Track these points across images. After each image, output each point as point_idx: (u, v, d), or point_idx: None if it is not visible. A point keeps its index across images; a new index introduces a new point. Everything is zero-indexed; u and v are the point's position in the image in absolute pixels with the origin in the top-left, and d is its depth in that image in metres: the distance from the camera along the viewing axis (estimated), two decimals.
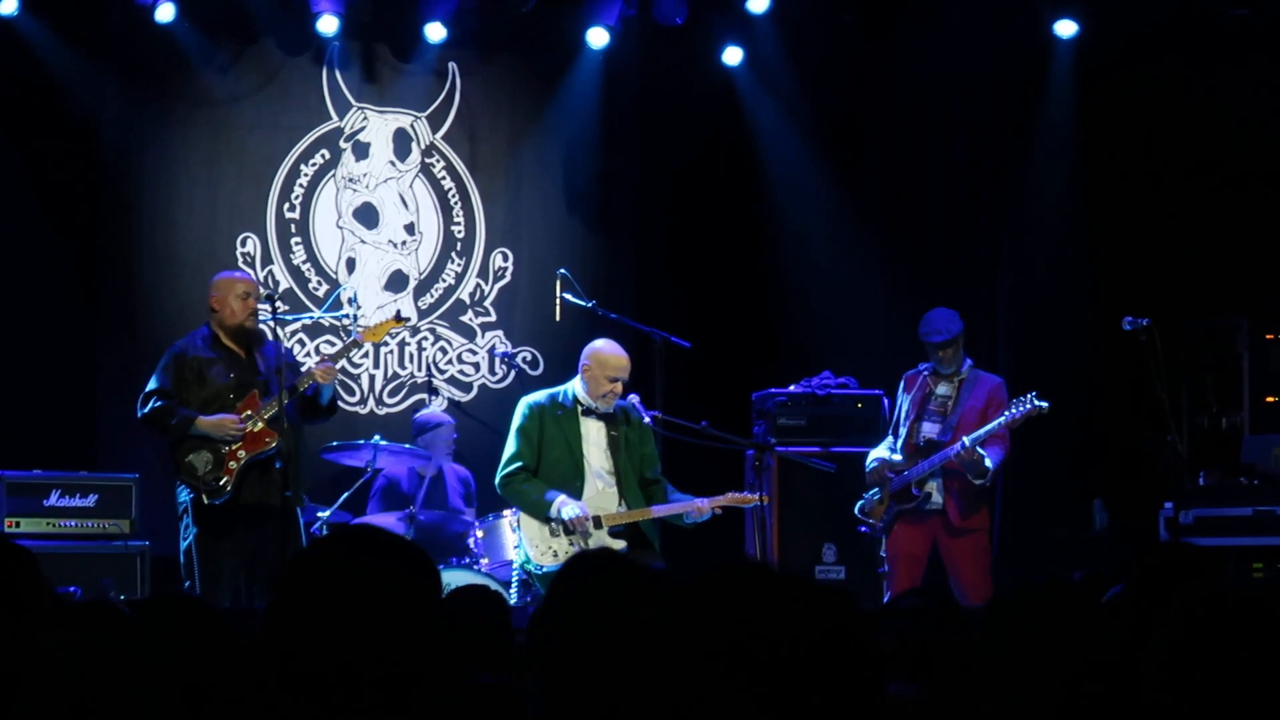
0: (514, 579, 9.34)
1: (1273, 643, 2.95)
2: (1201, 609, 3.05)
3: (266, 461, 8.89)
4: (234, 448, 8.87)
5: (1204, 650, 3.00)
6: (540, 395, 9.30)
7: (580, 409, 9.16)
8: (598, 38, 11.60)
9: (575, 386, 9.20)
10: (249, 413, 8.93)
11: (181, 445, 8.92)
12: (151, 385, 9.02)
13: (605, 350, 9.19)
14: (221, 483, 8.84)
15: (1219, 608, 3.04)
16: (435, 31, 11.47)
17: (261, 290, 9.70)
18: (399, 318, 9.72)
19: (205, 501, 8.82)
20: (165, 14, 10.93)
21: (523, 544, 9.20)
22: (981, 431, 9.41)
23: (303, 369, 9.39)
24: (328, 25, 11.26)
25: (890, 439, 9.94)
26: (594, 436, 9.20)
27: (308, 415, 9.25)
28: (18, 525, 9.60)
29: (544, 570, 9.15)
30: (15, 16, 10.88)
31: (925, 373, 9.90)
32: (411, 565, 2.71)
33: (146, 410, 9.03)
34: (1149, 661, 3.07)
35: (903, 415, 9.89)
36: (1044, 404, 9.37)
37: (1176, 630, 3.04)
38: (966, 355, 9.93)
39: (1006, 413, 9.43)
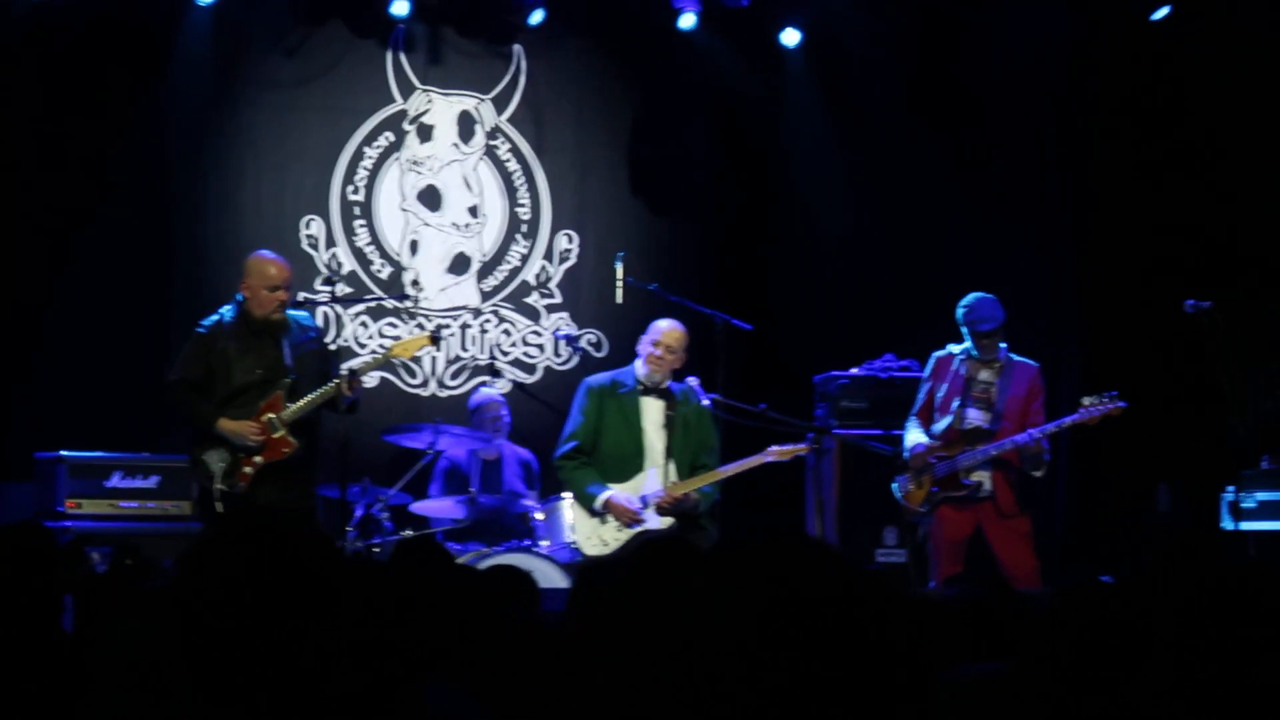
0: (574, 560, 9.38)
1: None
2: (1201, 589, 3.05)
3: (283, 465, 8.73)
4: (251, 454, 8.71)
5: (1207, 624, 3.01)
6: (602, 376, 9.40)
7: (641, 389, 9.23)
8: (687, 22, 11.69)
9: (636, 366, 9.29)
10: (270, 415, 8.69)
11: (200, 440, 8.75)
12: (175, 374, 8.86)
13: (658, 322, 9.32)
14: (236, 489, 8.65)
15: (1218, 587, 3.04)
16: (536, 16, 11.62)
17: (324, 271, 9.70)
18: (434, 338, 9.35)
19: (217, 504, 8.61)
20: None
21: (576, 531, 9.27)
22: (1052, 425, 9.20)
23: (342, 367, 8.96)
24: (399, 7, 11.36)
25: (917, 421, 9.68)
26: (653, 416, 9.25)
27: (331, 409, 8.89)
28: (79, 506, 9.69)
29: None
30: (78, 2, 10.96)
31: (960, 356, 9.61)
32: (310, 548, 2.75)
33: (169, 399, 8.95)
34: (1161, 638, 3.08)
35: (938, 399, 9.62)
36: (1123, 404, 9.14)
37: (1181, 608, 3.05)
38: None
39: (1083, 409, 9.18)
